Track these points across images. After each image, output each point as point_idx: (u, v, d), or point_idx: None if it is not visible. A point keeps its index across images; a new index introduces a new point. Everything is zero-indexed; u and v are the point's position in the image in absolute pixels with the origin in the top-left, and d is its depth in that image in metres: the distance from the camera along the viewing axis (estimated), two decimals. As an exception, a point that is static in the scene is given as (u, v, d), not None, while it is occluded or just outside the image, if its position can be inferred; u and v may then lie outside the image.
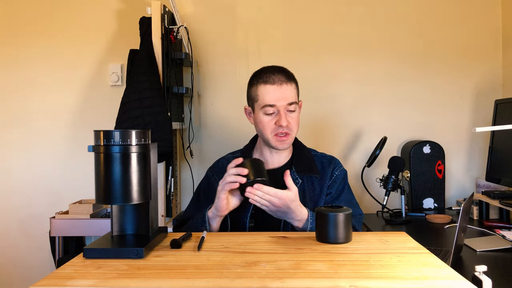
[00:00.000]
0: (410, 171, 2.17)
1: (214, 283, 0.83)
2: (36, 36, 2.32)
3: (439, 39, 2.30)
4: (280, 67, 1.43)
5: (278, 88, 1.37)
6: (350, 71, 2.31)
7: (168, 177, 2.09)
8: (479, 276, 0.91)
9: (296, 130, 1.43)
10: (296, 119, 1.42)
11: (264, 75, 1.40)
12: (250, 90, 1.45)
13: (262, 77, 1.40)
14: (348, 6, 2.30)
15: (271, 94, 1.37)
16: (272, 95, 1.37)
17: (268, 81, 1.38)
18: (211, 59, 2.33)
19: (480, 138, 2.31)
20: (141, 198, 1.05)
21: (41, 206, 2.33)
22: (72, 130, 2.33)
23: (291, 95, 1.39)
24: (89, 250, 1.00)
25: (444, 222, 1.93)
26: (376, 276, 0.86)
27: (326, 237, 1.09)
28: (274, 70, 1.41)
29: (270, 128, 1.39)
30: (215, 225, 1.31)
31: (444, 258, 1.33)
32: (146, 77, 1.91)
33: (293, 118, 1.40)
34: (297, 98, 1.43)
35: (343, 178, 1.48)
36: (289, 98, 1.38)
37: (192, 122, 2.29)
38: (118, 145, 1.02)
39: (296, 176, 1.43)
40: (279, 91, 1.37)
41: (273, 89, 1.37)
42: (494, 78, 2.30)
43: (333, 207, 1.13)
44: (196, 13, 2.32)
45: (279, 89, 1.37)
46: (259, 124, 1.42)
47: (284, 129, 1.38)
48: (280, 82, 1.38)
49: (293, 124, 1.40)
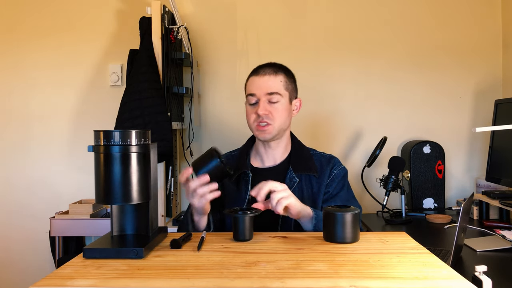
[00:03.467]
0: (410, 171, 2.17)
1: (214, 283, 0.83)
2: (36, 36, 2.32)
3: (439, 39, 2.30)
4: (273, 63, 1.47)
5: (261, 78, 1.42)
6: (350, 71, 2.31)
7: (168, 177, 2.09)
8: (479, 276, 0.91)
9: (280, 122, 1.41)
10: (281, 110, 1.41)
11: (255, 70, 1.46)
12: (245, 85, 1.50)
13: (253, 72, 1.46)
14: (348, 6, 2.30)
15: (254, 83, 1.43)
16: (254, 84, 1.42)
17: (255, 73, 1.44)
18: (211, 59, 2.33)
19: (480, 138, 2.31)
20: (141, 198, 1.05)
21: (41, 206, 2.33)
22: (72, 130, 2.33)
23: (273, 86, 1.41)
24: (89, 250, 1.00)
25: (444, 222, 1.93)
26: (376, 276, 0.86)
27: (334, 237, 1.09)
28: (266, 65, 1.46)
29: (252, 117, 1.42)
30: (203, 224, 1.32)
31: (444, 258, 1.33)
32: (146, 77, 1.91)
33: (275, 108, 1.40)
34: (284, 91, 1.42)
35: (343, 177, 1.48)
36: (270, 88, 1.40)
37: (192, 122, 2.29)
38: (118, 145, 1.02)
39: (293, 175, 1.43)
40: (260, 81, 1.41)
41: (256, 79, 1.42)
42: (494, 78, 2.30)
43: (341, 207, 1.13)
44: (196, 13, 2.32)
45: (261, 79, 1.41)
46: (246, 115, 1.46)
47: (263, 118, 1.39)
48: (265, 73, 1.42)
49: (275, 115, 1.40)
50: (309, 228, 1.28)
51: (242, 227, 1.11)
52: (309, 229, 1.28)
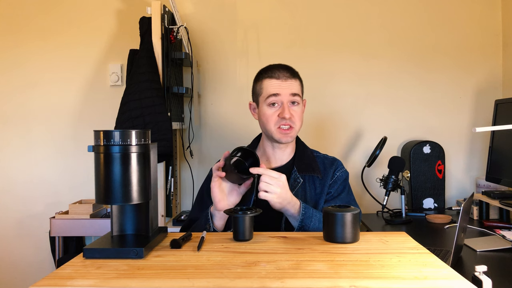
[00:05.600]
0: (410, 171, 2.17)
1: (214, 283, 0.83)
2: (36, 36, 2.32)
3: (439, 39, 2.30)
4: (286, 65, 1.46)
5: (283, 82, 1.41)
6: (350, 71, 2.31)
7: (168, 177, 2.09)
8: (479, 276, 0.91)
9: (299, 125, 1.45)
10: (300, 113, 1.44)
11: (270, 71, 1.44)
12: (255, 85, 1.48)
13: (267, 73, 1.44)
14: (348, 6, 2.30)
15: (274, 85, 1.41)
16: (276, 86, 1.41)
17: (273, 76, 1.42)
18: (211, 59, 2.33)
19: (480, 138, 2.31)
20: (141, 198, 1.05)
21: (41, 206, 2.33)
22: (72, 130, 2.33)
23: (296, 88, 1.42)
24: (89, 250, 1.00)
25: (444, 222, 1.93)
26: (376, 276, 0.85)
27: (334, 237, 1.09)
28: (280, 67, 1.45)
29: (274, 120, 1.41)
30: (218, 223, 1.31)
31: (444, 258, 1.33)
32: (146, 77, 1.91)
33: (296, 111, 1.42)
34: (301, 94, 1.45)
35: (344, 179, 1.49)
36: (293, 89, 1.41)
37: (192, 122, 2.29)
38: (118, 145, 1.02)
39: (297, 175, 1.44)
40: (283, 84, 1.41)
41: (277, 82, 1.41)
42: (494, 78, 2.30)
43: (341, 207, 1.13)
44: (196, 13, 2.32)
45: (283, 83, 1.41)
46: (263, 117, 1.44)
47: (287, 121, 1.40)
48: (285, 77, 1.41)
49: (296, 117, 1.42)
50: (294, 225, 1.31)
51: (242, 227, 1.11)
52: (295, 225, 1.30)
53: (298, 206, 1.30)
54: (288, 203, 1.29)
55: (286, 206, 1.29)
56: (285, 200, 1.27)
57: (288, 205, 1.29)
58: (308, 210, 1.31)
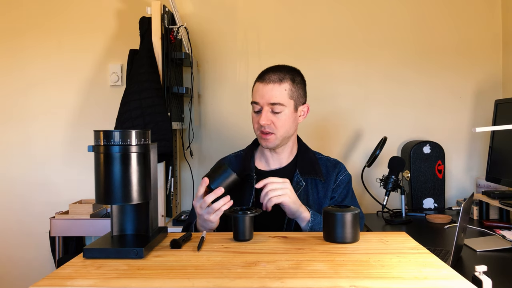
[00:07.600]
0: (410, 171, 2.17)
1: (214, 283, 0.83)
2: (36, 36, 2.32)
3: (439, 39, 2.30)
4: (281, 67, 1.42)
5: (265, 86, 1.38)
6: (350, 71, 2.31)
7: (168, 177, 2.09)
8: (479, 276, 0.91)
9: (283, 132, 1.40)
10: (284, 120, 1.38)
11: (262, 74, 1.41)
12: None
13: (260, 76, 1.42)
14: (348, 6, 2.30)
15: (258, 91, 1.39)
16: (259, 92, 1.39)
17: (260, 79, 1.40)
18: (211, 59, 2.33)
19: (480, 138, 2.31)
20: (141, 198, 1.05)
21: (41, 206, 2.33)
22: (72, 130, 2.33)
23: (276, 95, 1.36)
24: (89, 250, 1.00)
25: (444, 222, 1.93)
26: (376, 276, 0.86)
27: (334, 237, 1.10)
28: (273, 69, 1.41)
29: (256, 125, 1.41)
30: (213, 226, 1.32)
31: (444, 258, 1.33)
32: (146, 77, 1.91)
33: (278, 118, 1.38)
34: (287, 100, 1.38)
35: (348, 183, 1.49)
36: (272, 98, 1.36)
37: (192, 122, 2.29)
38: (118, 145, 1.02)
39: (300, 178, 1.43)
40: (264, 89, 1.37)
41: (261, 86, 1.39)
42: (494, 78, 2.30)
43: (340, 207, 1.13)
44: (196, 13, 2.32)
45: (265, 88, 1.37)
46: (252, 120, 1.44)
47: (265, 128, 1.38)
48: (269, 81, 1.37)
49: (277, 124, 1.38)
50: (305, 229, 1.31)
51: (242, 227, 1.11)
52: (305, 229, 1.31)
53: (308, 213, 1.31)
54: (300, 205, 1.29)
55: (300, 208, 1.29)
56: (298, 201, 1.29)
57: (301, 207, 1.29)
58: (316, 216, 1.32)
